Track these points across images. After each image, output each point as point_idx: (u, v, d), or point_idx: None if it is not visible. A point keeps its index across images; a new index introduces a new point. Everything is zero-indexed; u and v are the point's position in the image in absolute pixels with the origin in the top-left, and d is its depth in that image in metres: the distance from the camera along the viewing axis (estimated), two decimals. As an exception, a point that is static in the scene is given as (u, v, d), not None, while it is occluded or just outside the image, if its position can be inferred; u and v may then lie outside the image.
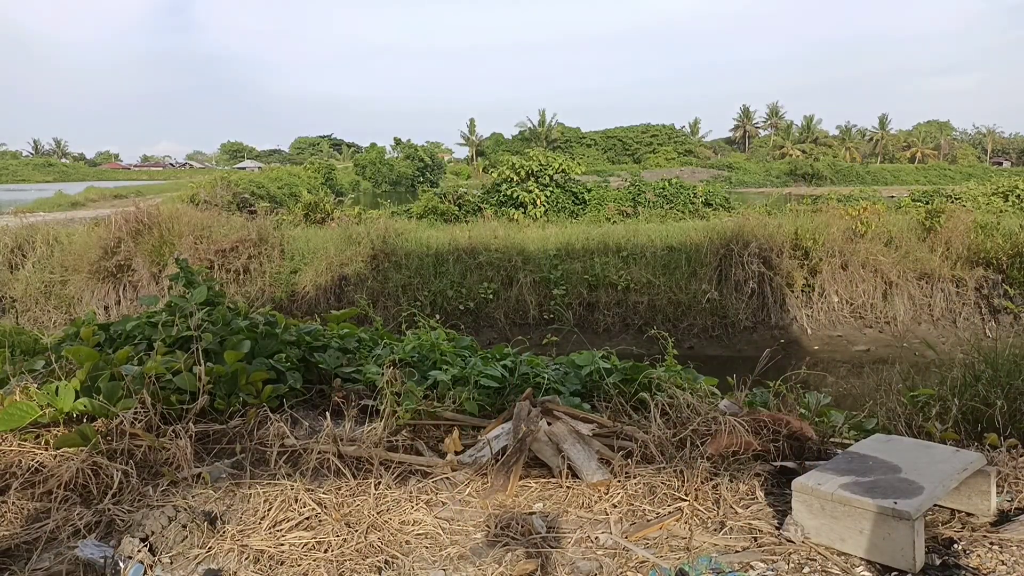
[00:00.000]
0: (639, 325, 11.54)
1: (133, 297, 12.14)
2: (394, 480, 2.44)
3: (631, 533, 2.09)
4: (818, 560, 1.94)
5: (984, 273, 11.93)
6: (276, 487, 2.30)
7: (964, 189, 21.09)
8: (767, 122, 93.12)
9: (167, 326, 3.25)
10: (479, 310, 12.04)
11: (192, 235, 12.46)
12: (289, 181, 37.15)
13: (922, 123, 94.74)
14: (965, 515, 2.19)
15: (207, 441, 2.82)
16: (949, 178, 56.15)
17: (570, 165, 20.96)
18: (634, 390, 3.14)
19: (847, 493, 1.96)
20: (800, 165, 62.65)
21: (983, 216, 13.80)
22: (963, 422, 3.03)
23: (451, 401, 3.06)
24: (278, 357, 3.34)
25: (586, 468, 2.41)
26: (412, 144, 68.99)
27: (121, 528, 2.14)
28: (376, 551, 2.01)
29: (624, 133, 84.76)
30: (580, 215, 19.33)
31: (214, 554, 2.00)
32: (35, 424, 2.68)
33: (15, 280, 12.74)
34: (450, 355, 3.61)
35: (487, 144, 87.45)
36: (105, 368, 2.94)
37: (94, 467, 2.43)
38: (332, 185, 42.75)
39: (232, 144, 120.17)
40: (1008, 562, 1.90)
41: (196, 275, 3.81)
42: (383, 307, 11.50)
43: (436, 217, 18.38)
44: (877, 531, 1.89)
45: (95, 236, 12.89)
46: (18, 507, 2.24)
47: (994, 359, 3.67)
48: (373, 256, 12.63)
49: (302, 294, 12.10)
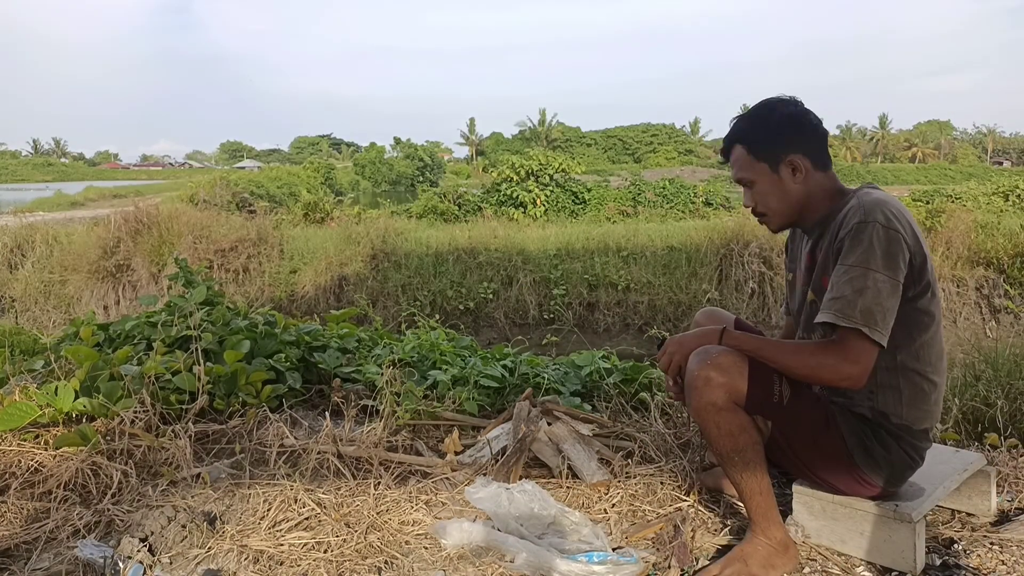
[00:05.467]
0: (639, 325, 11.54)
1: (132, 297, 12.13)
2: (394, 480, 2.44)
3: (631, 533, 2.09)
4: (818, 561, 1.94)
5: (984, 273, 11.93)
6: (276, 487, 2.30)
7: (964, 189, 21.08)
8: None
9: (166, 326, 3.25)
10: (479, 310, 12.03)
11: (191, 235, 12.45)
12: (288, 181, 37.09)
13: (922, 123, 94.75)
14: (965, 515, 2.19)
15: (206, 441, 2.82)
16: (949, 178, 56.13)
17: (570, 164, 20.96)
18: (634, 390, 3.14)
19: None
20: (800, 165, 62.43)
21: (984, 216, 13.80)
22: (963, 422, 3.03)
23: (451, 401, 3.06)
24: (278, 357, 3.34)
25: (586, 469, 2.41)
26: (412, 144, 68.91)
27: (120, 528, 2.14)
28: (376, 551, 2.01)
29: (624, 132, 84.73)
30: (580, 215, 19.32)
31: (213, 554, 1.99)
32: (35, 424, 2.68)
33: (14, 280, 12.73)
34: (450, 355, 3.61)
35: (487, 144, 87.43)
36: (104, 368, 2.94)
37: (93, 467, 2.43)
38: (332, 185, 42.71)
39: (231, 144, 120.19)
40: (1008, 562, 1.91)
41: (195, 275, 3.81)
42: (383, 307, 11.50)
43: (436, 217, 18.37)
44: (878, 533, 1.88)
45: (94, 236, 12.88)
46: (18, 507, 2.24)
47: (994, 359, 3.68)
48: (373, 256, 12.62)
49: (301, 294, 12.09)
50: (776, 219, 1.98)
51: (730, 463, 1.84)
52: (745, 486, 1.85)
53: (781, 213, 1.96)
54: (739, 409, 1.82)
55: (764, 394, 1.82)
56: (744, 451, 1.82)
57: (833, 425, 1.86)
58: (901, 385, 1.83)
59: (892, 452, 1.85)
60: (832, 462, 1.88)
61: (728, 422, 1.81)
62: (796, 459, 1.93)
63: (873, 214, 1.73)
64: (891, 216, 1.73)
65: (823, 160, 1.92)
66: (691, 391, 1.83)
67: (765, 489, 1.85)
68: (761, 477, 1.84)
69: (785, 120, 1.92)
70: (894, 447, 1.85)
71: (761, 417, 1.88)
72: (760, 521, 1.86)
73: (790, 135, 1.91)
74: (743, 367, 1.80)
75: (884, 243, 1.70)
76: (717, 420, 1.81)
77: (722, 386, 1.79)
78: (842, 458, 1.86)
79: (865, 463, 1.85)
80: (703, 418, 1.84)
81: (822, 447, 1.87)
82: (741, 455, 1.82)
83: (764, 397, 1.82)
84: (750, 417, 1.83)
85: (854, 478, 1.88)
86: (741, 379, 1.80)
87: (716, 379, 1.79)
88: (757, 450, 1.83)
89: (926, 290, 1.79)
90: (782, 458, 1.97)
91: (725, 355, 1.82)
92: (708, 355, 1.83)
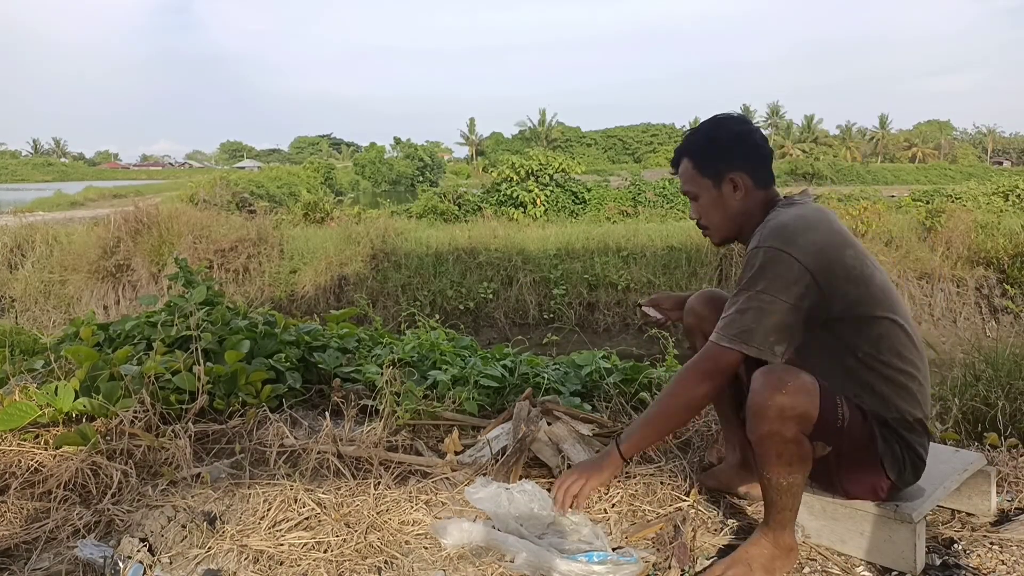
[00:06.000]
0: (639, 325, 11.54)
1: (132, 297, 12.13)
2: (393, 480, 2.44)
3: (631, 533, 2.09)
4: (818, 560, 1.94)
5: (984, 273, 11.95)
6: (275, 487, 2.30)
7: (964, 189, 21.10)
8: (767, 121, 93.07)
9: (166, 326, 3.24)
10: (479, 310, 12.04)
11: (191, 235, 12.45)
12: (288, 181, 37.09)
13: (922, 123, 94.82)
14: (965, 515, 2.19)
15: (206, 441, 2.81)
16: (949, 178, 56.12)
17: (570, 164, 20.96)
18: (634, 390, 3.14)
19: (847, 494, 1.96)
20: (800, 164, 62.58)
21: (983, 216, 13.80)
22: (963, 422, 3.03)
23: (451, 401, 3.06)
24: (277, 357, 3.34)
25: (586, 468, 2.40)
26: (412, 143, 68.92)
27: (120, 528, 2.14)
28: (376, 551, 2.00)
29: (624, 132, 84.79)
30: (580, 214, 19.34)
31: (213, 554, 1.99)
32: (35, 424, 2.68)
33: (14, 280, 12.74)
34: (450, 355, 3.61)
35: (487, 144, 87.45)
36: (104, 368, 2.93)
37: (93, 467, 2.43)
38: (332, 185, 42.71)
39: (231, 143, 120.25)
40: (1008, 562, 1.91)
41: (195, 275, 3.81)
42: (383, 307, 11.51)
43: (436, 217, 18.38)
44: (878, 533, 1.88)
45: (94, 236, 12.89)
46: (18, 507, 2.24)
47: (994, 359, 3.68)
48: (373, 256, 12.63)
49: (301, 294, 12.10)
50: (717, 233, 2.06)
51: (776, 486, 1.78)
52: (780, 503, 1.80)
53: (721, 228, 2.04)
54: (804, 439, 1.73)
55: (831, 420, 1.76)
56: (795, 477, 1.76)
57: (872, 437, 1.83)
58: (874, 381, 1.83)
59: (896, 448, 1.84)
60: (864, 471, 1.86)
61: (791, 453, 1.73)
62: (834, 471, 1.88)
63: (767, 239, 1.81)
64: (788, 239, 1.78)
65: (764, 178, 1.99)
66: (759, 419, 1.72)
67: (796, 507, 1.82)
68: (798, 498, 1.80)
69: (731, 138, 1.99)
70: (897, 444, 1.84)
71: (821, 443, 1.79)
72: (776, 527, 1.82)
73: (734, 153, 1.98)
74: (815, 394, 1.72)
75: (772, 266, 1.77)
76: (780, 451, 1.73)
77: (794, 418, 1.70)
78: (876, 467, 1.84)
79: (891, 467, 1.83)
80: (766, 448, 1.74)
81: (864, 459, 1.84)
82: (790, 481, 1.76)
83: (830, 424, 1.76)
84: (811, 446, 1.76)
85: (874, 486, 1.87)
86: (813, 408, 1.71)
87: (790, 411, 1.69)
88: (806, 476, 1.79)
89: (861, 295, 1.81)
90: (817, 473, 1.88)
91: (798, 380, 1.72)
92: (782, 381, 1.71)
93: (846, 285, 1.80)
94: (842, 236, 1.86)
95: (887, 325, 1.84)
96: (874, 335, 1.83)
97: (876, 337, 1.83)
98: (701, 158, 2.01)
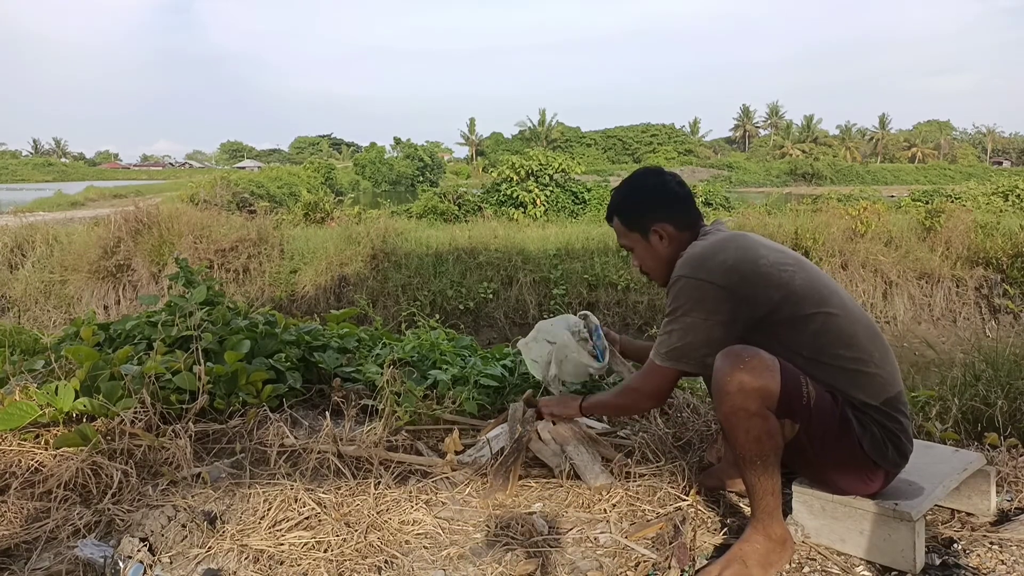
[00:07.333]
0: (639, 325, 11.54)
1: (133, 297, 12.13)
2: (394, 480, 2.44)
3: (631, 533, 2.09)
4: (818, 560, 1.94)
5: (984, 273, 11.94)
6: (276, 487, 2.30)
7: (964, 189, 21.11)
8: (767, 122, 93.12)
9: (167, 326, 3.24)
10: (479, 310, 12.03)
11: (192, 235, 12.44)
12: (289, 181, 37.11)
13: (922, 123, 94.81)
14: (965, 515, 2.19)
15: (207, 441, 2.82)
16: (949, 178, 56.16)
17: (570, 164, 20.95)
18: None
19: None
20: (800, 165, 62.61)
21: (983, 216, 13.81)
22: (963, 422, 3.03)
23: (451, 401, 3.06)
24: (278, 357, 3.34)
25: (589, 472, 2.41)
26: (412, 144, 68.92)
27: (121, 528, 2.14)
28: (376, 551, 2.01)
29: (624, 133, 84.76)
30: (580, 215, 19.33)
31: (214, 553, 1.99)
32: (35, 424, 2.68)
33: (15, 280, 12.73)
34: (450, 355, 3.61)
35: (487, 144, 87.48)
36: (105, 368, 2.93)
37: (94, 467, 2.43)
38: (332, 185, 42.72)
39: (231, 143, 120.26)
40: (1008, 562, 1.91)
41: (196, 275, 3.80)
42: (383, 307, 11.50)
43: (436, 217, 18.37)
44: (877, 532, 1.88)
45: (95, 236, 12.88)
46: (18, 507, 2.24)
47: (994, 359, 3.67)
48: (373, 256, 12.62)
49: (302, 294, 12.09)
50: (658, 278, 2.26)
51: (751, 466, 1.83)
52: (759, 487, 1.85)
53: (659, 272, 2.25)
54: (770, 414, 1.80)
55: (795, 397, 1.81)
56: (767, 456, 1.81)
57: (846, 420, 1.88)
58: (827, 376, 1.89)
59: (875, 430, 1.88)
60: (846, 457, 1.89)
61: (758, 428, 1.79)
62: (815, 459, 1.92)
63: (680, 270, 2.03)
64: (697, 266, 1.99)
65: (685, 222, 2.20)
66: (722, 395, 1.80)
67: (776, 490, 1.86)
68: (776, 479, 1.85)
69: (649, 193, 2.23)
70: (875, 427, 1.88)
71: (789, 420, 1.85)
72: (764, 519, 1.86)
73: (654, 207, 2.21)
74: (775, 369, 1.79)
75: (688, 292, 1.97)
76: (747, 426, 1.79)
77: (756, 391, 1.77)
78: (856, 452, 1.88)
79: (873, 450, 1.87)
80: (732, 423, 1.81)
81: (842, 444, 1.88)
82: (763, 459, 1.81)
83: (795, 400, 1.81)
84: (778, 422, 1.82)
85: (862, 475, 1.90)
86: (774, 383, 1.78)
87: (749, 384, 1.76)
88: (778, 454, 1.83)
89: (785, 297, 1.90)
90: (797, 458, 1.95)
91: (757, 357, 1.80)
92: (740, 358, 1.80)
93: (767, 291, 1.92)
94: (754, 251, 1.99)
95: (821, 320, 1.91)
96: (810, 331, 1.91)
97: (812, 333, 1.91)
98: (627, 216, 2.26)
